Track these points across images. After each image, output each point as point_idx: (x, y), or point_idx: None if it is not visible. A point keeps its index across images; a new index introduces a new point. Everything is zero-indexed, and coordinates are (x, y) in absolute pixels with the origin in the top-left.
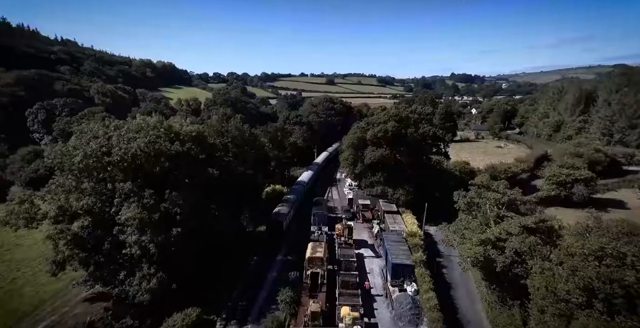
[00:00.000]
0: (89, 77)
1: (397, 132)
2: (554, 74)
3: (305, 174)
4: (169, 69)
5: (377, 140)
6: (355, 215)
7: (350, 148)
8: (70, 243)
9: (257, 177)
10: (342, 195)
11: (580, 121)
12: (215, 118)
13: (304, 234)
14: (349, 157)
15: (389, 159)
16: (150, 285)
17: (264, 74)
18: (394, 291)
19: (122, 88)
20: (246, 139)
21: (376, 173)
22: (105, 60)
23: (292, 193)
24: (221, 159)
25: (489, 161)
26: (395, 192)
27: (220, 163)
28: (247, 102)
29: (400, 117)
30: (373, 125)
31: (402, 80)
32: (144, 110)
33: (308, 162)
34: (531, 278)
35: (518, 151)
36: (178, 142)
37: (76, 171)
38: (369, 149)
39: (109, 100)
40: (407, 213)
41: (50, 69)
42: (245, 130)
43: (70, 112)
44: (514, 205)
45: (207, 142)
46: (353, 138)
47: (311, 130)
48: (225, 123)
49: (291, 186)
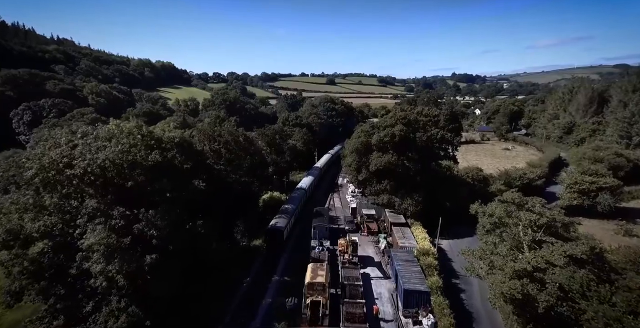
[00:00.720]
0: (84, 77)
1: (405, 136)
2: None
3: (305, 180)
4: (168, 68)
5: (383, 145)
6: (360, 227)
7: (354, 153)
8: (26, 271)
9: (252, 186)
10: (345, 202)
11: (594, 123)
12: (207, 121)
13: (303, 249)
14: (353, 163)
15: (396, 166)
16: (118, 323)
17: (264, 73)
18: (407, 323)
19: (117, 88)
20: (240, 143)
21: (382, 180)
22: (102, 59)
23: (291, 202)
24: (211, 167)
25: (498, 164)
26: (403, 201)
27: (210, 172)
28: (246, 102)
29: (408, 120)
30: (379, 129)
31: (403, 80)
32: (138, 111)
33: (308, 166)
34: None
35: (527, 154)
36: (159, 150)
37: (34, 186)
38: (374, 154)
39: (103, 100)
40: (417, 225)
41: (45, 69)
42: (240, 134)
43: (58, 113)
44: (553, 227)
45: (194, 148)
46: (357, 143)
47: (311, 132)
48: (218, 126)
49: (290, 192)
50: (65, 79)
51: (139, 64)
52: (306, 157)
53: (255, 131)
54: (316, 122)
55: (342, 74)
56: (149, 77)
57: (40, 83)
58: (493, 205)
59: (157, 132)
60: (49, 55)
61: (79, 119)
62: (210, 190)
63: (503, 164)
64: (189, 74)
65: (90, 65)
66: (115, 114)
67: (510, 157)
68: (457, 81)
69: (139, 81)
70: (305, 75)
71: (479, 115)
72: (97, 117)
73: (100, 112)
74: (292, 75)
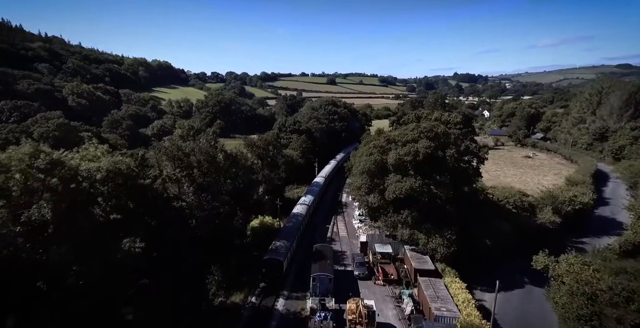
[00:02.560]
0: (71, 76)
1: (431, 155)
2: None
3: (303, 201)
4: (165, 68)
5: (403, 165)
6: (373, 270)
7: (365, 175)
8: None
9: (234, 218)
10: (351, 229)
11: (633, 128)
12: (178, 133)
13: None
14: (362, 186)
15: (420, 193)
16: None
17: (264, 73)
18: None
19: (103, 88)
20: (218, 163)
21: (401, 210)
22: (92, 58)
23: (284, 237)
24: (167, 205)
25: (523, 177)
26: (429, 239)
27: (165, 212)
28: (242, 103)
29: (435, 133)
30: (397, 144)
31: (404, 80)
32: (124, 113)
33: (307, 179)
34: None
35: (552, 162)
36: (67, 193)
37: None
38: (391, 177)
39: (84, 102)
40: (450, 274)
41: (26, 67)
42: (219, 149)
43: (20, 118)
44: None
45: (137, 183)
46: (368, 162)
47: (311, 139)
48: (191, 140)
49: (285, 219)
50: (44, 79)
51: (133, 63)
52: (305, 170)
53: (244, 140)
54: (317, 127)
55: (343, 73)
56: (143, 76)
57: (12, 82)
58: (575, 266)
59: (71, 162)
60: (32, 52)
61: (42, 125)
62: (161, 238)
63: (530, 176)
64: (187, 74)
65: (78, 64)
66: (98, 116)
67: (535, 166)
68: (459, 81)
69: (132, 81)
70: (306, 75)
71: (493, 117)
72: (65, 123)
73: (81, 115)
74: (292, 75)
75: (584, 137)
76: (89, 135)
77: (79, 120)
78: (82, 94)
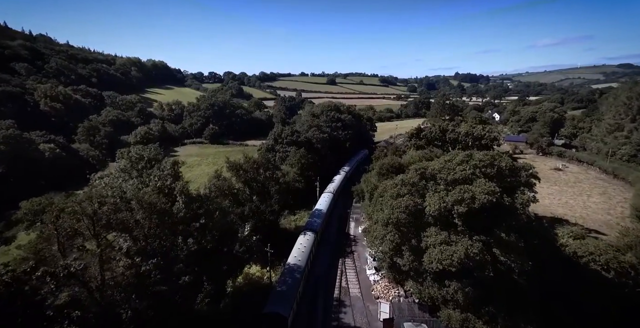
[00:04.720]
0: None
1: (496, 203)
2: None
3: (301, 245)
4: (160, 68)
5: (450, 218)
6: None
7: (391, 227)
8: None
9: (195, 294)
10: (364, 281)
11: None
12: (121, 165)
13: None
14: (386, 241)
15: (480, 263)
16: None
17: (263, 73)
18: None
19: (84, 90)
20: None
21: (447, 281)
22: (79, 57)
23: (277, 304)
24: None
25: (563, 197)
26: None
27: None
28: (237, 106)
29: (497, 169)
30: (438, 184)
31: (405, 80)
32: (103, 118)
33: (306, 201)
34: None
35: (589, 177)
36: None
37: None
38: (431, 232)
39: (59, 106)
40: None
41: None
42: (179, 191)
43: None
44: None
45: None
46: (397, 209)
47: (312, 151)
48: (138, 176)
49: (280, 271)
50: (14, 80)
51: (125, 62)
52: (304, 190)
53: (226, 163)
54: (318, 137)
55: (343, 73)
56: (136, 77)
57: None
58: None
59: None
60: (10, 51)
61: None
62: None
63: (570, 195)
64: (183, 74)
65: (62, 64)
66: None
67: (571, 182)
68: (460, 81)
69: (122, 82)
70: (305, 74)
71: (505, 121)
72: (17, 134)
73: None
74: (291, 75)
75: (624, 147)
76: (51, 147)
77: (51, 127)
78: (57, 97)
